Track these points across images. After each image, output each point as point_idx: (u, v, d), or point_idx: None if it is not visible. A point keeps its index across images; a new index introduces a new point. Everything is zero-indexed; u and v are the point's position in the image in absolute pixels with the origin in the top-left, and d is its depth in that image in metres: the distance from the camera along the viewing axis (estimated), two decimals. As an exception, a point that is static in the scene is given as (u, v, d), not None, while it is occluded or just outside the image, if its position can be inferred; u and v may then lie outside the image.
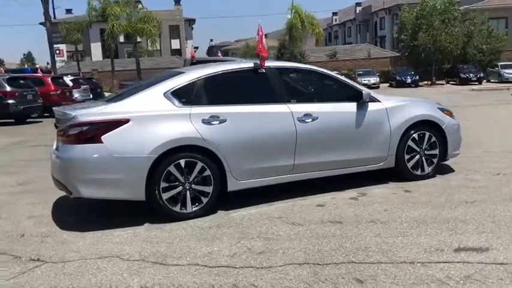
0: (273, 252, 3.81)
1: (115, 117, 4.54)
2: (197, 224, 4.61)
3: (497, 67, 34.90)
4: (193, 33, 62.13)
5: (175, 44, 55.69)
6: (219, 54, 22.84)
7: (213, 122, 4.79)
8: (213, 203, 4.85)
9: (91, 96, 23.54)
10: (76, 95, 21.62)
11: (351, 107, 5.46)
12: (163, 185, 4.59)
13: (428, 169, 5.87)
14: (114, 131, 4.48)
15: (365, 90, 5.53)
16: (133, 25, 29.93)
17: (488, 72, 35.84)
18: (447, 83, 37.19)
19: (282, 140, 5.08)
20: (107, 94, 27.65)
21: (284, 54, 38.26)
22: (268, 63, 5.29)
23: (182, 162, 4.64)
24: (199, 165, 4.70)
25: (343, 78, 5.68)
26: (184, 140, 4.66)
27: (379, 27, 63.24)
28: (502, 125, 11.23)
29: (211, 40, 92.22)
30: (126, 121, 4.54)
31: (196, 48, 66.50)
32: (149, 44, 34.22)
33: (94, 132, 4.45)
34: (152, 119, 4.64)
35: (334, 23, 79.13)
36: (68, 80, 22.21)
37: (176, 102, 4.80)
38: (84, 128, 4.47)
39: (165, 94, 4.80)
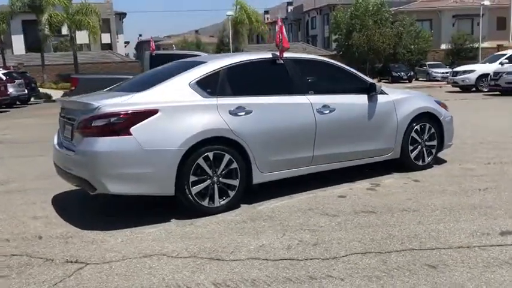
0: (327, 243, 3.76)
1: (144, 107, 4.27)
2: (228, 218, 4.46)
3: (426, 66, 36.96)
4: (123, 28, 60.20)
5: (106, 38, 53.51)
6: (174, 47, 22.25)
7: (239, 114, 4.65)
8: (240, 197, 4.72)
9: (26, 91, 22.12)
10: (10, 89, 20.21)
11: (363, 99, 5.54)
12: (192, 178, 4.39)
13: (428, 159, 6.09)
14: (143, 122, 4.22)
15: (377, 83, 5.63)
16: (71, 17, 28.28)
17: (417, 71, 37.83)
18: (379, 81, 38.76)
19: (303, 132, 5.05)
20: (42, 90, 26.14)
21: (223, 50, 38.03)
22: (285, 55, 5.22)
23: (211, 154, 4.46)
24: (227, 157, 4.55)
25: (355, 71, 5.74)
26: (213, 132, 4.48)
27: (311, 27, 64.75)
28: (460, 119, 11.85)
29: (140, 35, 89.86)
30: (155, 112, 4.28)
31: (127, 43, 64.50)
32: (76, 37, 32.25)
33: (123, 123, 4.15)
34: (180, 109, 4.42)
35: (266, 21, 79.86)
36: (0, 73, 20.64)
37: (202, 92, 4.61)
38: (112, 120, 4.15)
39: (190, 84, 4.59)
